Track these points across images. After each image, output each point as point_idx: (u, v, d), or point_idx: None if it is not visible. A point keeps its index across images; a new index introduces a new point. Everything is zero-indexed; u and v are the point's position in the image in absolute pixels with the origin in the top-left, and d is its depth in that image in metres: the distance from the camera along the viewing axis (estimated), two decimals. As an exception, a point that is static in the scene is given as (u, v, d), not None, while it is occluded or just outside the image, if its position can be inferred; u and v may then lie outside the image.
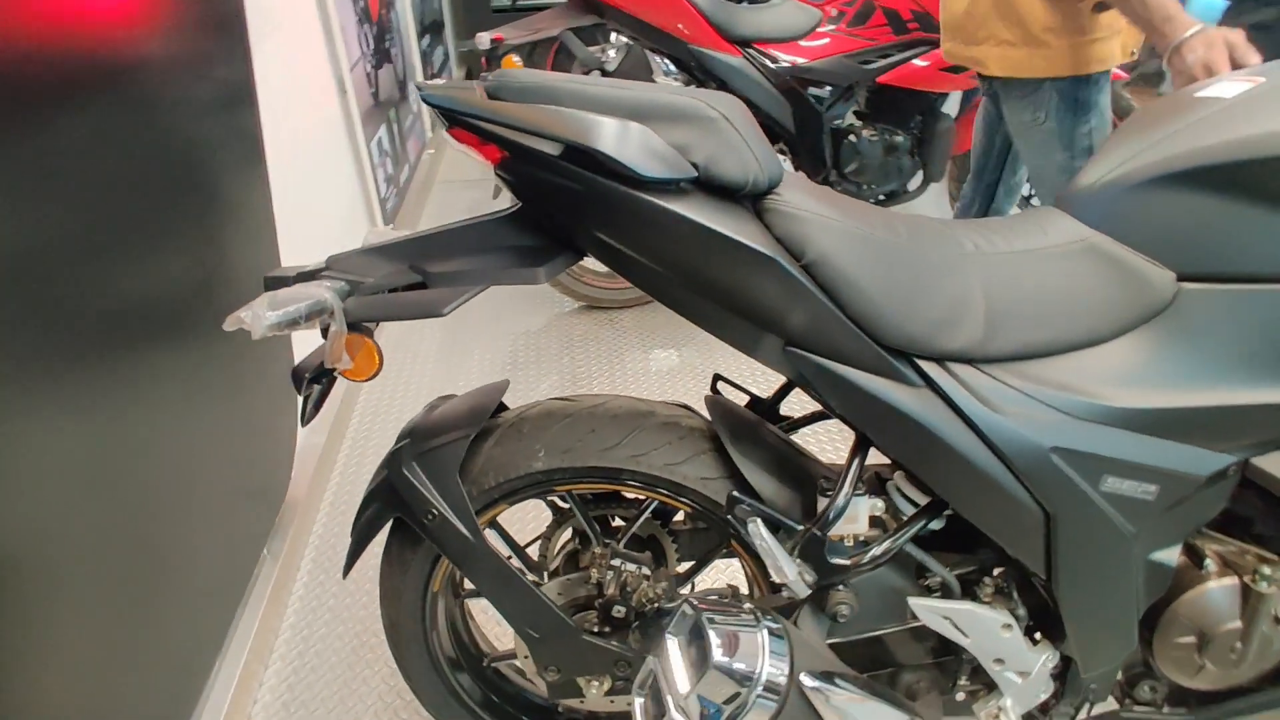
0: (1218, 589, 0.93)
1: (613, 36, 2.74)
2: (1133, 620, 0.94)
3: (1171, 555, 0.92)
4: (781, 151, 2.53)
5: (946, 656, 1.04)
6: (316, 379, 0.93)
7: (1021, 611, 0.98)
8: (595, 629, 1.09)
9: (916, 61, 2.47)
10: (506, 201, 0.94)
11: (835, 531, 0.95)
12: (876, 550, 0.93)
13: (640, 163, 0.77)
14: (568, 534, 1.20)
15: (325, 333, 0.89)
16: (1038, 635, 1.01)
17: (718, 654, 0.83)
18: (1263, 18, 2.25)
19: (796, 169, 2.54)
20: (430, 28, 4.55)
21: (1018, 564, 0.97)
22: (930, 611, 0.96)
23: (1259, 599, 0.92)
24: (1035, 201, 2.67)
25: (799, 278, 0.82)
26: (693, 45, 2.37)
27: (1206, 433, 0.86)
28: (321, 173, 2.30)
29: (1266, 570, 0.92)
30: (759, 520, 0.91)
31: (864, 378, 0.86)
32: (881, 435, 0.88)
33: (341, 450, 2.21)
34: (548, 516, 1.31)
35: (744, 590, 1.16)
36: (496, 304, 3.00)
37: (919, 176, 2.70)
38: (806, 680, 0.84)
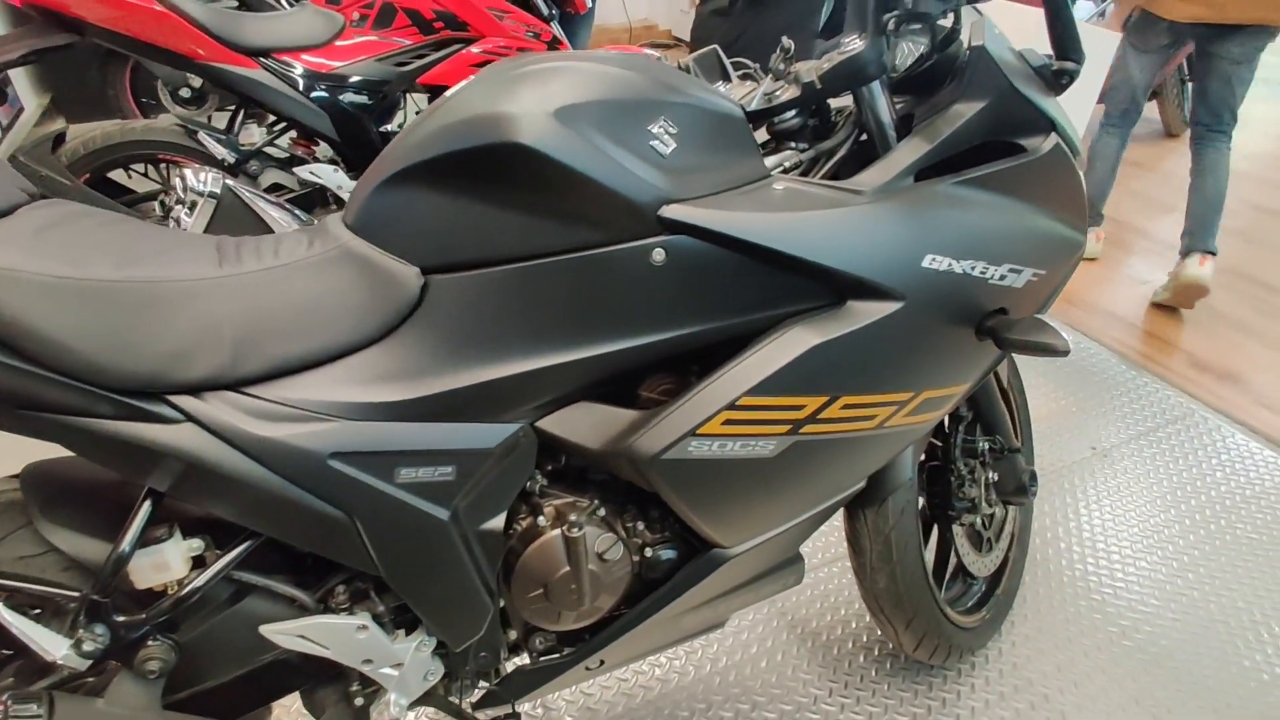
0: (545, 543, 1.00)
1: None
2: (478, 590, 0.99)
3: (498, 523, 0.98)
4: (334, 161, 2.45)
5: (335, 668, 1.04)
6: None
7: (381, 609, 1.00)
8: None
9: (454, 60, 2.50)
10: None
11: (147, 583, 0.90)
12: (183, 593, 0.89)
13: None
14: None
15: None
16: (404, 628, 1.03)
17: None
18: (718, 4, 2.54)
19: (355, 180, 2.47)
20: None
21: None
22: (282, 634, 0.95)
23: (575, 543, 0.99)
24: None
25: None
26: (203, 62, 2.20)
27: (482, 407, 0.92)
28: None
29: (573, 517, 1.00)
30: None
31: (113, 426, 0.81)
32: (152, 478, 0.85)
33: None
34: None
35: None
36: None
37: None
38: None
